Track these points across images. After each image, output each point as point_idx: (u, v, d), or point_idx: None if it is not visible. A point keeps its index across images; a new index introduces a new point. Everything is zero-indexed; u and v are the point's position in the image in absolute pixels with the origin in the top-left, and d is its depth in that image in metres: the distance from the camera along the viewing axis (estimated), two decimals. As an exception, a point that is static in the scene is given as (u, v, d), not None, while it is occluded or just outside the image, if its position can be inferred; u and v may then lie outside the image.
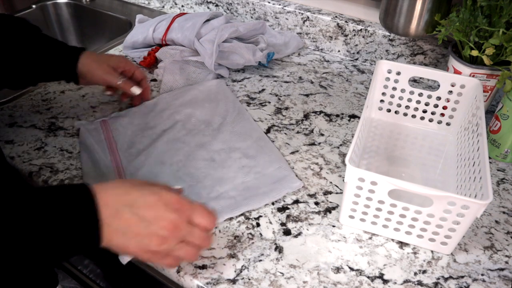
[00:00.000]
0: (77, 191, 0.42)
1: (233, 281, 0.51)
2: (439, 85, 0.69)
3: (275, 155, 0.68)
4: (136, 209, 0.43)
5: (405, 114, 0.74)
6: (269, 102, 0.82)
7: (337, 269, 0.53)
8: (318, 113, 0.79)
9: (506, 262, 0.54)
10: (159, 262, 0.45)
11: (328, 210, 0.60)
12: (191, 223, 0.46)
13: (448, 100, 0.69)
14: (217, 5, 1.07)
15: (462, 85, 0.67)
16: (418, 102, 0.72)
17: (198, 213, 0.46)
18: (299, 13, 0.96)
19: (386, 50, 0.90)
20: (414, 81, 0.88)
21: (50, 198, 0.41)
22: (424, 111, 0.72)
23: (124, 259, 0.50)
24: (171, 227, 0.43)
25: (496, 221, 0.59)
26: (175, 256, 0.46)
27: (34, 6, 1.20)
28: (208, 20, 0.90)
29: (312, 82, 0.88)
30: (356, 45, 0.93)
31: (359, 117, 0.78)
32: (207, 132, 0.72)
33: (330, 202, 0.62)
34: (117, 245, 0.43)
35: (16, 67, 0.66)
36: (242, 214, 0.59)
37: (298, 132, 0.74)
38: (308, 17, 0.95)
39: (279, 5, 0.98)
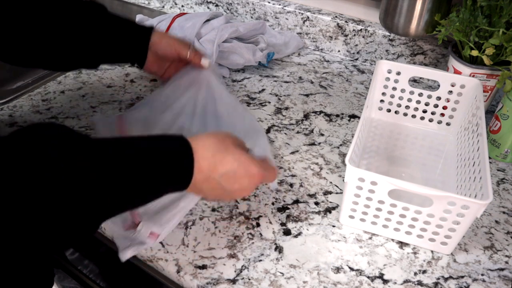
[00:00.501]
0: (181, 147, 0.46)
1: (233, 281, 0.51)
2: (439, 85, 0.69)
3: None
4: (224, 181, 0.47)
5: (405, 114, 0.74)
6: (269, 102, 0.82)
7: (337, 269, 0.53)
8: (318, 113, 0.79)
9: (506, 262, 0.54)
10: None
11: (328, 210, 0.60)
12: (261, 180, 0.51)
13: (448, 100, 0.69)
14: (217, 5, 1.07)
15: (462, 85, 0.67)
16: (418, 102, 0.72)
17: (272, 175, 0.53)
18: (299, 13, 0.96)
19: (386, 50, 0.90)
20: (414, 81, 0.88)
21: (158, 145, 0.45)
22: (424, 111, 0.72)
23: (123, 256, 0.51)
24: (248, 193, 0.52)
25: (496, 221, 0.59)
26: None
27: (34, 6, 1.20)
28: (208, 20, 0.90)
29: (312, 82, 0.88)
30: (356, 45, 0.93)
31: (359, 117, 0.78)
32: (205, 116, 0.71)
33: (330, 202, 0.62)
34: (197, 193, 0.50)
35: (86, 47, 0.66)
36: (242, 214, 0.59)
37: (298, 132, 0.74)
38: (308, 17, 0.95)
39: (279, 5, 0.98)
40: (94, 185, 0.38)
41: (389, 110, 0.74)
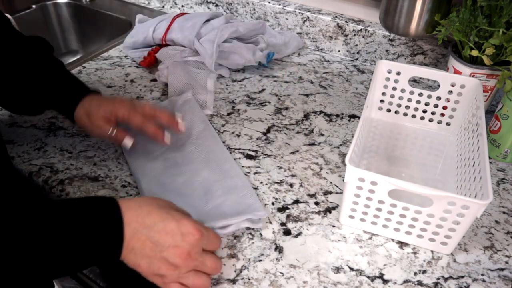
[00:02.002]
0: (107, 206, 0.43)
1: (233, 281, 0.51)
2: (439, 85, 0.69)
3: (241, 180, 0.62)
4: (153, 233, 0.44)
5: (405, 114, 0.74)
6: (269, 102, 0.82)
7: (337, 269, 0.53)
8: (318, 113, 0.79)
9: (506, 262, 0.54)
10: (166, 287, 0.46)
11: (328, 210, 0.60)
12: (204, 251, 0.47)
13: (448, 100, 0.69)
14: (217, 5, 1.07)
15: (462, 85, 0.67)
16: (418, 102, 0.72)
17: (213, 242, 0.48)
18: (299, 13, 0.96)
19: (386, 50, 0.90)
20: (414, 81, 0.88)
21: (83, 209, 0.42)
22: (424, 111, 0.72)
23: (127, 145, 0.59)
24: (184, 256, 0.44)
25: (496, 221, 0.59)
26: (183, 284, 0.46)
27: (34, 6, 1.20)
28: (208, 20, 0.90)
29: (312, 82, 0.88)
30: (356, 45, 0.93)
31: (359, 117, 0.78)
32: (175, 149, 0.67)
33: (330, 202, 0.62)
34: (128, 261, 0.45)
35: (22, 92, 0.64)
36: (242, 214, 0.59)
37: (298, 132, 0.74)
38: (308, 17, 0.95)
39: (279, 5, 0.98)
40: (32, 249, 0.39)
41: (389, 110, 0.74)
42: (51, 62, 0.66)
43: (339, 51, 0.96)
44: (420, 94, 0.70)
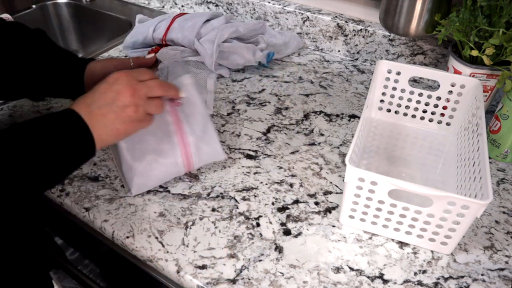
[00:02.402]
0: (68, 116, 0.49)
1: (233, 281, 0.51)
2: (439, 85, 0.69)
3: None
4: (97, 102, 0.50)
5: (405, 114, 0.74)
6: (269, 102, 0.82)
7: (337, 269, 0.53)
8: (318, 113, 0.79)
9: (506, 262, 0.54)
10: (148, 124, 0.54)
11: (328, 210, 0.60)
12: (142, 80, 0.54)
13: (448, 100, 0.69)
14: (217, 5, 1.07)
15: (462, 85, 0.67)
16: (418, 102, 0.72)
17: (141, 72, 0.55)
18: (299, 13, 0.96)
19: (386, 50, 0.90)
20: (414, 81, 0.88)
21: (51, 124, 0.48)
22: (424, 111, 0.72)
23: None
24: (130, 91, 0.51)
25: (496, 221, 0.59)
26: (151, 115, 0.54)
27: (34, 6, 1.20)
28: (208, 20, 0.90)
29: (312, 82, 0.88)
30: (356, 45, 0.93)
31: (359, 117, 0.78)
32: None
33: (330, 202, 0.62)
34: (109, 136, 0.51)
35: (21, 78, 0.64)
36: (242, 214, 0.59)
37: (298, 132, 0.74)
38: (308, 17, 0.95)
39: (279, 5, 0.98)
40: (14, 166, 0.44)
41: (389, 110, 0.74)
42: (40, 45, 0.66)
43: (339, 51, 0.96)
44: (420, 94, 0.70)
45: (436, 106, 0.71)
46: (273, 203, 0.61)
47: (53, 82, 0.65)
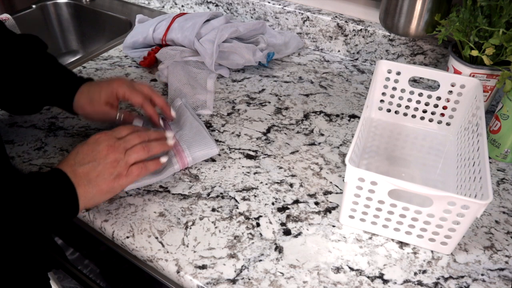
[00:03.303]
0: (55, 174, 0.51)
1: (233, 281, 0.51)
2: (439, 85, 0.69)
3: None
4: (82, 161, 0.53)
5: (405, 114, 0.74)
6: (269, 102, 0.82)
7: (337, 269, 0.53)
8: (318, 113, 0.79)
9: (506, 262, 0.54)
10: (132, 178, 0.56)
11: (328, 210, 0.60)
12: (121, 137, 0.57)
13: (448, 100, 0.69)
14: (217, 5, 1.07)
15: (462, 85, 0.67)
16: (418, 102, 0.72)
17: (119, 129, 0.58)
18: (299, 13, 0.96)
19: (386, 50, 0.90)
20: (414, 81, 0.88)
21: (41, 182, 0.50)
22: (424, 111, 0.72)
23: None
24: (108, 149, 0.54)
25: (496, 221, 0.59)
26: (135, 164, 0.56)
27: (34, 6, 1.20)
28: (208, 20, 0.90)
29: (312, 82, 0.88)
30: (356, 45, 0.93)
31: (359, 117, 0.78)
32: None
33: (330, 202, 0.62)
34: (93, 194, 0.53)
35: (18, 91, 0.65)
36: (242, 214, 0.59)
37: (298, 132, 0.74)
38: (308, 17, 0.95)
39: (279, 5, 0.98)
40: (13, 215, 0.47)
41: (389, 110, 0.74)
42: (43, 59, 0.67)
43: (339, 51, 0.96)
44: (420, 94, 0.70)
45: (436, 106, 0.71)
46: (273, 203, 0.61)
47: (47, 95, 0.67)
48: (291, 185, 0.64)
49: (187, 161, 0.65)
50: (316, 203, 0.61)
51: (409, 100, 0.72)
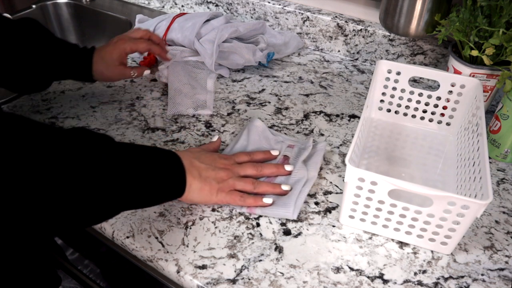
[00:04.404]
0: (169, 155, 0.54)
1: (233, 281, 0.51)
2: (439, 85, 0.69)
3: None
4: (201, 159, 0.57)
5: (405, 114, 0.74)
6: (269, 102, 0.82)
7: (337, 269, 0.53)
8: (318, 113, 0.79)
9: (506, 262, 0.54)
10: (230, 200, 0.58)
11: (328, 210, 0.60)
12: (239, 162, 0.62)
13: (448, 100, 0.69)
14: (217, 5, 1.07)
15: (462, 85, 0.67)
16: (418, 102, 0.72)
17: (238, 156, 0.63)
18: (299, 13, 0.96)
19: (386, 50, 0.90)
20: (414, 81, 0.88)
21: (156, 156, 0.52)
22: (424, 111, 0.72)
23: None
24: (225, 165, 0.59)
25: (496, 221, 0.59)
26: (237, 191, 0.59)
27: (34, 6, 1.20)
28: (208, 20, 0.90)
29: (312, 82, 0.88)
30: (356, 45, 0.93)
31: (359, 117, 0.78)
32: None
33: (330, 202, 0.62)
34: (196, 188, 0.56)
35: (30, 70, 0.68)
36: (242, 214, 0.59)
37: (298, 132, 0.74)
38: (308, 17, 0.95)
39: (279, 5, 0.98)
40: (106, 179, 0.44)
41: (389, 110, 0.74)
42: (47, 37, 0.70)
43: (339, 51, 0.96)
44: (420, 94, 0.70)
45: (436, 106, 0.71)
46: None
47: (64, 64, 0.71)
48: (291, 185, 0.64)
49: (255, 212, 0.59)
50: (316, 203, 0.61)
51: (409, 100, 0.72)
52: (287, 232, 0.57)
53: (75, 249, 0.87)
